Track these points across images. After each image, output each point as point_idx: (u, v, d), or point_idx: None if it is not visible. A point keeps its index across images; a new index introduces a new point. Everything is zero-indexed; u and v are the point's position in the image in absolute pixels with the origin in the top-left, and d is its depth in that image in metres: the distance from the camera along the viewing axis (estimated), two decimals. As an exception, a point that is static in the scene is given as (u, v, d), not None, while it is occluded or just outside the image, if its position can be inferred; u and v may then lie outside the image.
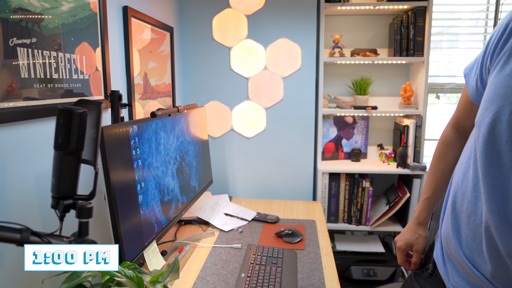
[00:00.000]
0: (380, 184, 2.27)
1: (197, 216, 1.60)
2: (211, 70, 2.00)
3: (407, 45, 1.95)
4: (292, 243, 1.41)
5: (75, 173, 0.63)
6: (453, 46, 2.21)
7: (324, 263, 1.26)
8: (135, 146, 1.05)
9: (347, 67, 2.18)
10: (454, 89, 2.23)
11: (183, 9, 1.96)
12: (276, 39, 1.95)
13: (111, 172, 0.92)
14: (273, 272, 1.14)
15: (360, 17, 2.14)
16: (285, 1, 1.91)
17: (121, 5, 1.31)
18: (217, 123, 2.04)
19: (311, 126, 2.01)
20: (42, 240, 0.59)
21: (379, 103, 2.19)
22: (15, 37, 0.79)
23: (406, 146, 1.99)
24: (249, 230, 1.53)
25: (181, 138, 1.43)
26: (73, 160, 0.62)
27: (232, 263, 1.24)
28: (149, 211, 1.11)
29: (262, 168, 2.06)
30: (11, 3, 0.78)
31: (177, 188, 1.36)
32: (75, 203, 0.64)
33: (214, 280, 1.13)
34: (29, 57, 0.84)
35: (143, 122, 1.11)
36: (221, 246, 1.38)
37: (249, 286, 1.06)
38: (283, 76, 1.98)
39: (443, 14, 2.17)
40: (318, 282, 1.12)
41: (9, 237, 0.56)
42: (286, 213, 1.76)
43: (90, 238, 0.64)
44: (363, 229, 2.04)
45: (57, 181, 0.62)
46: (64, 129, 0.60)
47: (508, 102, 0.57)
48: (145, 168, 1.10)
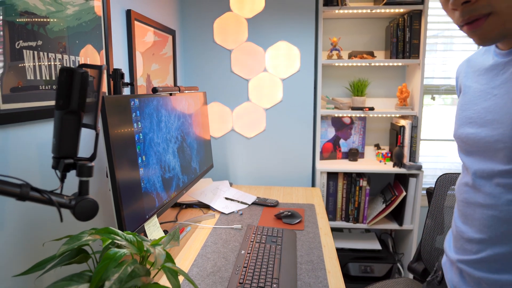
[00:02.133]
0: (377, 183, 2.27)
1: (198, 200, 1.60)
2: (212, 72, 2.00)
3: (403, 48, 1.95)
4: (291, 224, 1.40)
5: (76, 134, 0.62)
6: (447, 48, 2.21)
7: (323, 242, 1.26)
8: (137, 120, 1.04)
9: (345, 69, 2.18)
10: (449, 90, 2.23)
11: (185, 12, 1.96)
12: (275, 42, 1.95)
13: (112, 144, 0.91)
14: (273, 249, 1.14)
15: (358, 20, 2.14)
16: (284, 5, 1.91)
17: (125, 9, 1.30)
18: (218, 124, 2.04)
19: (310, 127, 2.01)
20: (42, 196, 0.58)
21: (376, 104, 2.19)
22: (21, 40, 0.79)
23: (402, 146, 1.99)
24: (249, 213, 1.53)
25: (182, 119, 1.42)
26: (74, 120, 0.61)
27: (232, 242, 1.24)
28: (150, 185, 1.10)
29: (262, 168, 2.06)
30: (18, 6, 0.78)
31: (178, 167, 1.35)
32: (76, 163, 0.62)
33: (215, 257, 1.13)
34: (35, 59, 0.84)
35: (144, 97, 1.10)
36: (222, 227, 1.37)
37: (249, 262, 1.06)
38: (282, 77, 1.98)
39: (438, 18, 2.17)
40: (317, 258, 1.12)
41: (9, 191, 0.54)
42: (285, 198, 1.75)
43: (90, 197, 0.63)
44: (360, 227, 2.04)
45: (58, 141, 0.61)
46: (66, 88, 0.58)
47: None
48: (146, 142, 1.10)
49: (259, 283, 0.95)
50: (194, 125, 1.58)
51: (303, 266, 1.08)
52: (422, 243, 1.36)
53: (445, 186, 1.30)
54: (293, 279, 0.99)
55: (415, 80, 1.99)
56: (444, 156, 2.32)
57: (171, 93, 1.34)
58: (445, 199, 1.30)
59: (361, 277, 2.05)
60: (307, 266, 1.08)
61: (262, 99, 2.00)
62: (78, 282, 0.60)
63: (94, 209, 0.64)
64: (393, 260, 2.04)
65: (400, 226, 2.01)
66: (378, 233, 2.33)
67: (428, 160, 2.32)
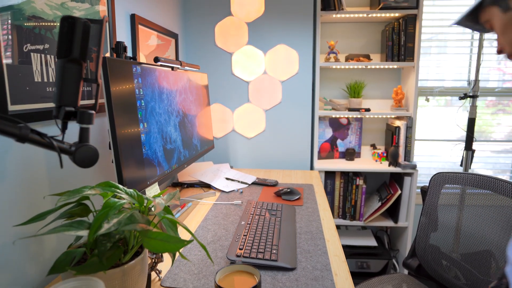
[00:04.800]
0: (373, 181, 2.27)
1: (199, 180, 1.60)
2: (214, 74, 2.00)
3: (398, 51, 1.95)
4: (291, 201, 1.39)
5: (77, 83, 0.60)
6: (441, 51, 2.21)
7: (322, 215, 1.25)
8: (138, 86, 1.02)
9: (342, 71, 2.18)
10: (443, 92, 2.23)
11: (187, 16, 1.96)
12: (275, 45, 1.94)
13: (114, 104, 0.88)
14: (272, 221, 1.13)
15: (354, 24, 2.14)
16: (283, 9, 1.91)
17: (129, 13, 1.30)
18: (219, 124, 2.04)
19: (308, 127, 2.01)
20: (43, 139, 0.56)
21: (372, 105, 2.19)
22: (29, 43, 0.79)
23: (398, 146, 1.99)
24: (249, 192, 1.52)
25: (184, 95, 1.40)
26: (75, 69, 0.59)
27: (233, 216, 1.23)
28: (152, 152, 1.08)
29: (262, 167, 2.06)
30: (25, 11, 0.78)
31: (180, 140, 1.32)
32: (76, 112, 0.60)
33: (215, 228, 1.13)
34: (42, 62, 0.84)
35: (146, 66, 1.08)
36: (222, 203, 1.36)
37: (248, 231, 1.05)
38: (281, 80, 1.98)
39: (432, 22, 2.17)
40: (316, 230, 1.11)
41: (8, 130, 0.52)
42: (284, 179, 1.75)
43: (90, 145, 0.61)
44: (357, 224, 2.04)
45: (59, 90, 0.59)
46: (67, 37, 0.57)
47: None
48: (148, 110, 1.07)
49: (259, 249, 0.93)
50: (195, 104, 1.54)
51: (302, 236, 1.07)
52: (417, 240, 1.35)
53: (439, 185, 1.30)
54: (292, 246, 0.98)
55: (410, 82, 1.99)
56: (438, 156, 2.32)
57: (172, 67, 1.31)
58: (439, 197, 1.30)
59: (358, 273, 2.05)
60: (306, 236, 1.07)
61: (262, 100, 2.00)
62: (77, 228, 0.59)
63: (94, 156, 0.62)
64: (389, 256, 2.04)
65: (395, 223, 2.01)
66: (374, 230, 2.33)
67: (422, 160, 2.32)
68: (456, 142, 2.30)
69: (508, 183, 1.07)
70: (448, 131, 2.29)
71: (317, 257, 0.94)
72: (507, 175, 2.33)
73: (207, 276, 0.84)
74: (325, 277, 0.84)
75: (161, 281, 0.81)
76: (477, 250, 1.16)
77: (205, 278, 0.83)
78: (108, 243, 0.57)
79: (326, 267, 0.88)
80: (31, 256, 0.80)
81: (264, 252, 0.92)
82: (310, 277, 0.83)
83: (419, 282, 1.35)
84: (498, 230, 1.09)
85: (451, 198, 1.26)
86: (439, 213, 1.30)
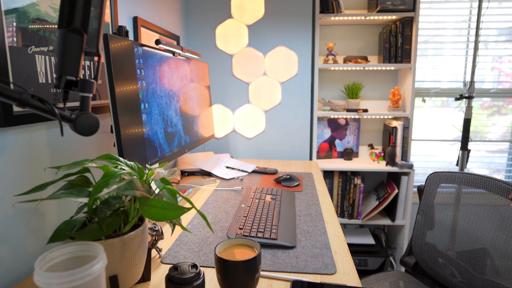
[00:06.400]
0: (371, 181, 2.27)
1: (199, 168, 1.59)
2: (215, 75, 2.00)
3: (395, 53, 1.95)
4: (290, 187, 1.38)
5: (78, 53, 0.59)
6: (438, 53, 2.21)
7: (321, 200, 1.24)
8: (140, 67, 1.00)
9: (340, 73, 2.18)
10: (439, 93, 2.23)
11: (188, 19, 1.96)
12: (274, 47, 1.95)
13: (115, 79, 0.86)
14: (272, 204, 1.12)
15: (352, 27, 2.14)
16: (282, 12, 1.91)
17: (131, 16, 1.30)
18: (220, 125, 2.04)
19: (307, 128, 2.01)
20: (44, 105, 0.54)
21: (369, 106, 2.19)
22: (33, 45, 0.79)
23: (395, 146, 1.99)
24: (249, 179, 1.51)
25: (185, 81, 1.38)
26: (77, 39, 0.58)
27: (233, 200, 1.23)
28: (153, 133, 1.06)
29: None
30: (30, 14, 0.78)
31: (180, 125, 1.30)
32: (77, 81, 0.59)
33: (215, 211, 1.12)
34: (46, 64, 0.84)
35: (148, 48, 1.05)
36: (223, 189, 1.36)
37: (248, 213, 1.04)
38: (281, 81, 1.98)
39: (428, 24, 2.17)
40: (315, 212, 1.10)
41: (8, 94, 0.51)
42: (284, 168, 1.75)
43: (91, 113, 0.60)
44: (354, 222, 2.04)
45: (61, 60, 0.58)
46: (69, 7, 0.56)
47: None
48: (149, 92, 1.05)
49: (259, 229, 0.93)
50: (196, 92, 1.53)
51: (302, 218, 1.06)
52: (413, 238, 1.35)
53: (435, 184, 1.30)
54: (292, 227, 0.97)
55: (407, 84, 1.99)
56: (434, 156, 2.32)
57: (174, 52, 1.30)
58: (435, 196, 1.30)
59: (356, 270, 2.05)
60: (306, 218, 1.06)
61: (261, 101, 2.00)
62: (77, 195, 0.58)
63: (94, 124, 0.60)
64: (386, 254, 2.04)
65: (392, 222, 2.01)
66: (371, 228, 2.33)
67: (419, 159, 2.32)
68: (452, 142, 2.30)
69: (502, 182, 1.07)
70: (444, 132, 2.29)
71: (316, 236, 0.93)
72: (502, 174, 2.33)
73: (207, 254, 0.83)
74: (324, 254, 0.83)
75: (161, 258, 0.81)
76: (473, 248, 1.16)
77: (205, 255, 0.82)
78: (108, 211, 0.56)
79: (325, 246, 0.87)
80: (31, 230, 0.80)
81: (264, 232, 0.91)
82: (310, 255, 0.83)
83: (416, 279, 1.35)
84: (493, 228, 1.09)
85: (447, 197, 1.26)
86: (435, 212, 1.30)
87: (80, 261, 0.50)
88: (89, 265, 0.45)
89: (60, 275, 0.42)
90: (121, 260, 0.60)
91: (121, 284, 0.61)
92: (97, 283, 0.46)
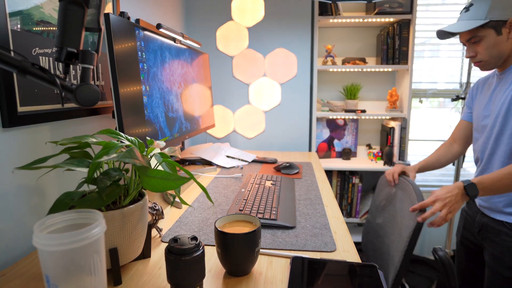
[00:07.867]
0: (369, 180, 2.27)
1: (200, 157, 1.59)
2: (215, 77, 2.00)
3: (393, 54, 1.95)
4: (290, 174, 1.38)
5: (79, 25, 0.57)
6: (434, 55, 2.21)
7: (321, 186, 1.23)
8: (141, 50, 0.98)
9: (339, 74, 2.18)
10: (436, 94, 2.23)
11: (189, 21, 1.96)
12: (274, 49, 1.95)
13: (117, 60, 0.84)
14: (272, 189, 1.11)
15: (350, 29, 2.14)
16: (282, 15, 1.91)
17: (133, 18, 1.31)
18: (220, 125, 2.04)
19: (306, 128, 2.01)
20: (44, 73, 0.53)
21: (367, 107, 2.19)
22: (37, 47, 0.79)
23: (392, 146, 1.99)
24: (249, 168, 1.51)
25: (185, 69, 1.36)
26: (77, 11, 0.57)
27: (233, 186, 1.22)
28: (154, 116, 1.05)
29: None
30: (34, 16, 0.78)
31: (181, 111, 1.29)
32: (78, 53, 0.58)
33: (216, 196, 1.11)
34: (50, 65, 0.84)
35: (149, 31, 1.04)
36: (223, 176, 1.36)
37: (248, 196, 1.03)
38: (280, 82, 1.98)
39: (425, 27, 2.17)
40: (315, 197, 1.10)
41: (8, 61, 0.49)
42: (283, 159, 1.74)
43: (92, 84, 0.59)
44: (353, 221, 2.04)
45: (61, 31, 0.57)
46: None
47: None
48: (151, 75, 1.03)
49: (259, 210, 0.92)
50: (197, 81, 1.51)
51: (301, 202, 1.06)
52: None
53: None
54: (291, 209, 0.97)
55: (404, 85, 1.99)
56: (431, 155, 2.32)
57: (175, 39, 1.29)
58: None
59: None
60: (305, 202, 1.06)
61: (261, 102, 2.00)
62: (78, 166, 0.57)
63: (95, 95, 0.59)
64: (384, 252, 2.04)
65: (390, 220, 2.01)
66: (369, 227, 2.33)
67: (416, 159, 2.32)
68: (448, 142, 2.30)
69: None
70: (440, 132, 2.29)
71: (316, 218, 0.93)
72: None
73: (208, 233, 0.83)
74: (324, 234, 0.83)
75: (161, 238, 0.81)
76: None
77: (206, 235, 0.82)
78: (108, 181, 0.56)
79: (325, 226, 0.87)
80: (32, 207, 0.79)
81: (264, 213, 0.91)
82: (310, 234, 0.82)
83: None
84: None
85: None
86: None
87: (79, 228, 0.49)
88: (88, 227, 0.43)
89: (59, 236, 0.41)
90: (121, 233, 0.59)
91: (121, 258, 0.61)
92: (96, 248, 0.45)
